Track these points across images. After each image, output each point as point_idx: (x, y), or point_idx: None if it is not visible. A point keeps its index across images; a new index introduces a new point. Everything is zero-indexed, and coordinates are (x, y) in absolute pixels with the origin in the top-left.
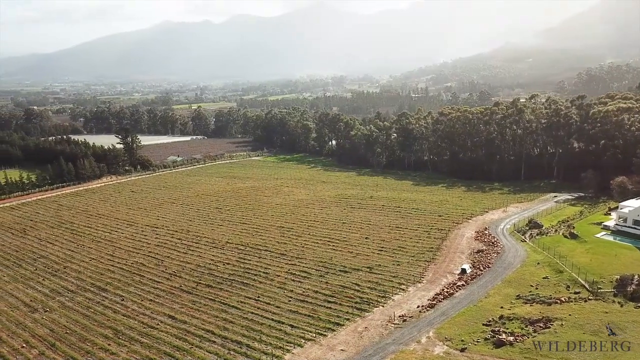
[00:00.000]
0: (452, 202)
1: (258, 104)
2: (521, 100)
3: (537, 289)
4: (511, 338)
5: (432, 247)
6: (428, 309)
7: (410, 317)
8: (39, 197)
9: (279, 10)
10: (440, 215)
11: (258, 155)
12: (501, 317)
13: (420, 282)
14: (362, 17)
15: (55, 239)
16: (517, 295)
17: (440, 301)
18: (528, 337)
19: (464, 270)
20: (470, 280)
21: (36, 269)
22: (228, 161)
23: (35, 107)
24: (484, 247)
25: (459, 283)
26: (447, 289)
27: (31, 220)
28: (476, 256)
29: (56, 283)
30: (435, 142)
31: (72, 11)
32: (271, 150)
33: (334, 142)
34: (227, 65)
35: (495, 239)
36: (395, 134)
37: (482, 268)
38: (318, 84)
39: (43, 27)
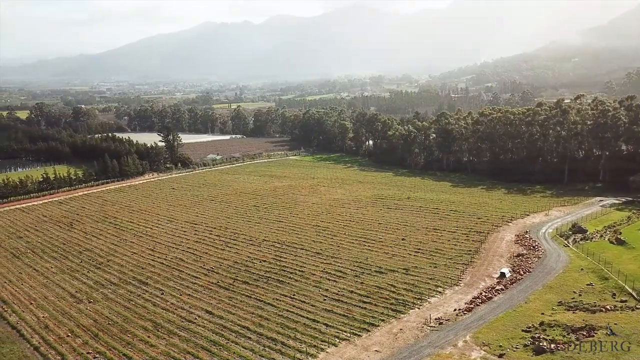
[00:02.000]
0: (492, 204)
1: (296, 103)
2: (566, 101)
3: (580, 295)
4: (552, 345)
5: (470, 250)
6: (465, 312)
7: (446, 320)
8: (85, 192)
9: (318, 10)
10: (479, 218)
11: (295, 155)
12: (542, 323)
13: (457, 285)
14: (401, 16)
15: (99, 233)
16: (559, 302)
17: (478, 305)
18: (570, 345)
19: (503, 274)
20: (510, 284)
21: (81, 262)
22: (266, 160)
23: (82, 106)
24: (525, 251)
25: (497, 287)
26: (486, 292)
27: (77, 215)
28: (516, 260)
29: (100, 275)
30: (475, 143)
31: (119, 13)
32: (308, 149)
33: (371, 142)
34: (266, 65)
35: (537, 243)
36: (433, 135)
37: (522, 272)
38: (356, 84)
39: (91, 29)
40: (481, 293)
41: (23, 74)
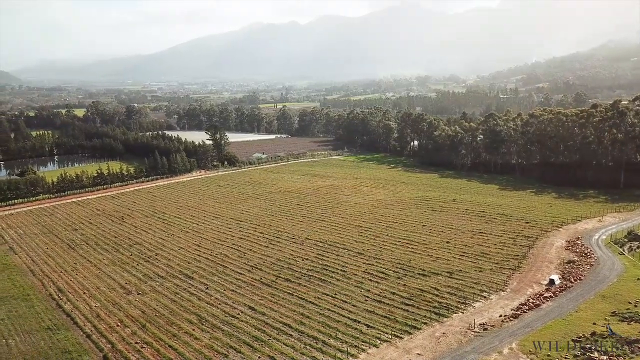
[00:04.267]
0: (541, 208)
1: (341, 103)
2: (623, 102)
3: (636, 306)
4: (604, 357)
5: (517, 255)
6: (511, 319)
7: (491, 326)
8: (136, 188)
9: (364, 10)
10: (527, 222)
11: (339, 155)
12: (593, 333)
13: (503, 291)
14: (449, 16)
15: (148, 227)
16: (613, 312)
17: (525, 312)
18: (624, 358)
19: (552, 281)
20: (559, 292)
21: (131, 255)
22: (310, 159)
23: (135, 105)
24: (576, 258)
25: (546, 294)
26: (533, 299)
27: (128, 209)
28: (566, 267)
29: (148, 268)
30: (525, 145)
31: (170, 15)
32: (352, 149)
33: (416, 142)
34: (311, 66)
35: (589, 250)
36: (481, 136)
37: (572, 280)
38: (402, 84)
39: (144, 30)
40: (528, 299)
41: (80, 74)
